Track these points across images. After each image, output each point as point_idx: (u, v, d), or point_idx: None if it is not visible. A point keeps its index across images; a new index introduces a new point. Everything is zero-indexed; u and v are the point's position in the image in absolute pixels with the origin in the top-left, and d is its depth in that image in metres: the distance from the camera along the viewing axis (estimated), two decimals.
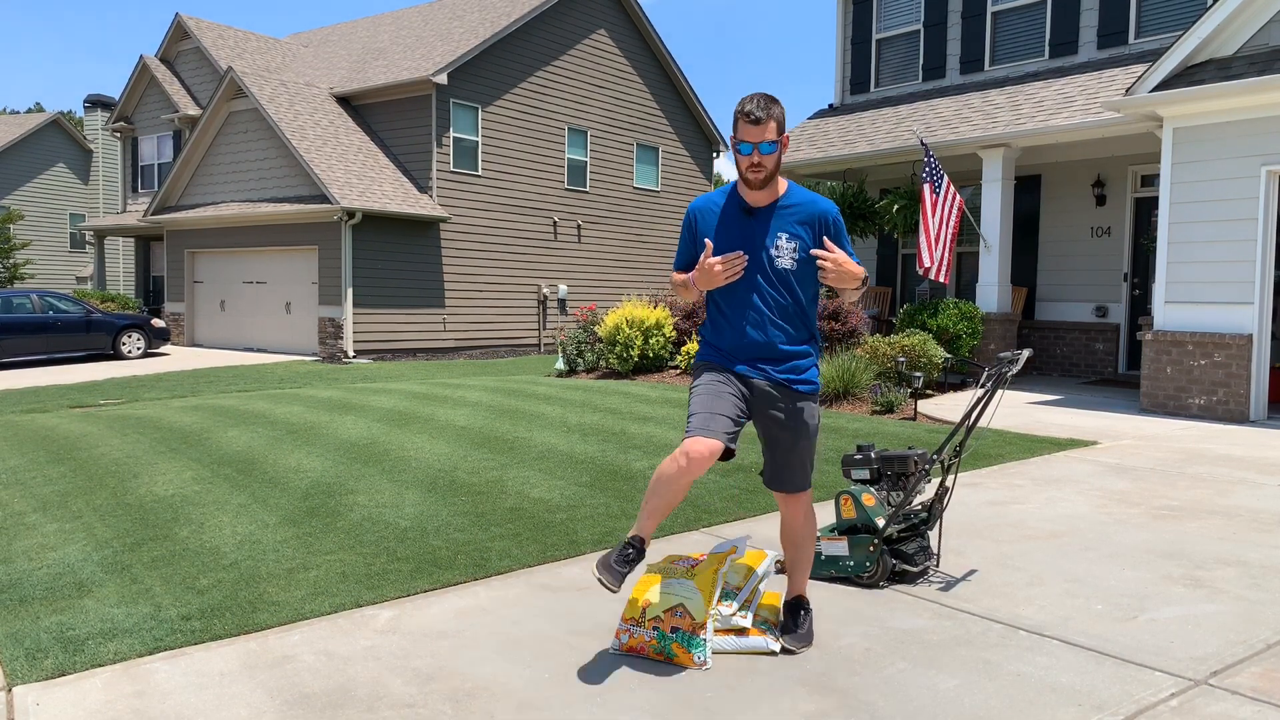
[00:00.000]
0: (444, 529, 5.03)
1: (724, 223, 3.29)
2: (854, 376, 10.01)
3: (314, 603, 3.93)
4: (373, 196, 18.56)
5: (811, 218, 3.25)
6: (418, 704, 3.03)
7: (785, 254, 3.22)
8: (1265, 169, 8.90)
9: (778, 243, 3.23)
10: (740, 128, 3.15)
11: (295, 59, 25.32)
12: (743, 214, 3.28)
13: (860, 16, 15.06)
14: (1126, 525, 5.14)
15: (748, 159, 3.16)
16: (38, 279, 32.12)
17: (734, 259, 3.16)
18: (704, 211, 3.36)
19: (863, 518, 4.12)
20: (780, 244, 3.23)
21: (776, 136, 3.15)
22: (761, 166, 3.15)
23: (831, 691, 3.10)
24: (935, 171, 11.12)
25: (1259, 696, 3.02)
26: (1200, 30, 9.32)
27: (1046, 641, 3.49)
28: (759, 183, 3.19)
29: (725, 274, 3.15)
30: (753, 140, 3.13)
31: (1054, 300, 13.47)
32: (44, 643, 3.53)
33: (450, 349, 20.37)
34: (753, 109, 3.11)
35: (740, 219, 3.27)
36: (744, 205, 3.28)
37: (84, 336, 18.43)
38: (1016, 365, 4.15)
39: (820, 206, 3.27)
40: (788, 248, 3.23)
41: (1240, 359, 9.04)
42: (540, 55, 21.58)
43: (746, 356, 3.28)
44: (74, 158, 34.33)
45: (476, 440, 7.48)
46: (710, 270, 3.15)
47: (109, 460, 6.97)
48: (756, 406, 3.32)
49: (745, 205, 3.28)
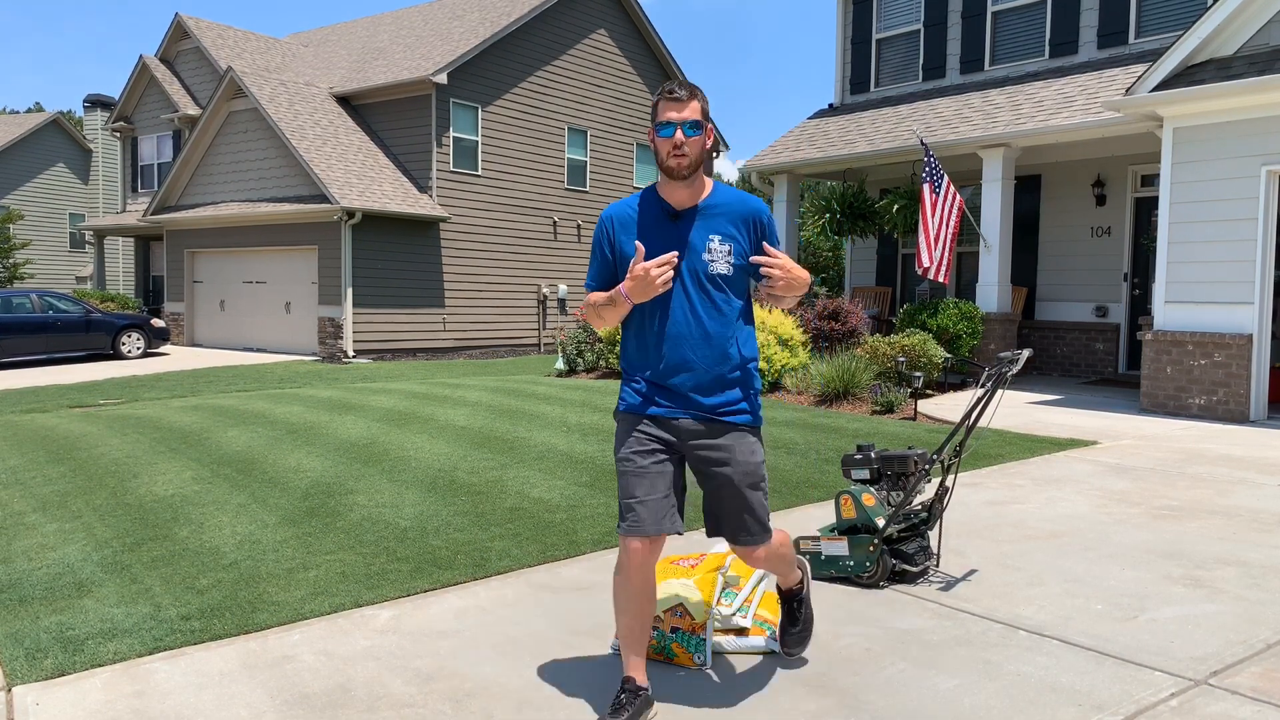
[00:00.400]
0: (444, 529, 5.03)
1: (646, 228, 2.88)
2: (854, 376, 10.01)
3: (314, 603, 3.93)
4: (372, 196, 18.56)
5: (744, 217, 2.89)
6: (417, 704, 3.03)
7: (720, 258, 2.84)
8: (1265, 169, 8.91)
9: (710, 245, 2.84)
10: (661, 107, 2.82)
11: (295, 59, 25.32)
12: (666, 218, 2.89)
13: (860, 16, 15.06)
14: (1126, 525, 5.14)
15: (669, 141, 2.79)
16: (37, 279, 32.13)
17: (669, 261, 2.75)
18: (620, 219, 2.93)
19: (863, 518, 4.11)
20: (713, 247, 2.84)
21: (701, 119, 2.81)
22: (685, 151, 2.79)
23: (831, 691, 3.09)
24: (935, 171, 11.12)
25: (1259, 696, 3.02)
26: (1200, 30, 9.32)
27: (1046, 641, 3.49)
28: (682, 171, 2.81)
29: (662, 279, 2.72)
30: (675, 119, 2.79)
31: (1054, 300, 13.47)
32: (44, 643, 3.53)
33: (450, 349, 20.37)
34: (674, 86, 2.81)
35: (663, 223, 2.88)
36: (666, 208, 2.89)
37: (84, 336, 18.42)
38: (1016, 365, 4.15)
39: (751, 205, 2.92)
40: (721, 250, 2.85)
41: (1240, 359, 9.04)
42: (540, 55, 21.58)
43: (674, 384, 2.86)
44: (74, 157, 34.32)
45: (476, 440, 7.48)
46: (644, 277, 2.71)
47: (109, 460, 6.97)
48: (688, 452, 2.89)
49: (668, 208, 2.89)
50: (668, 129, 2.80)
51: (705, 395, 2.86)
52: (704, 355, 2.84)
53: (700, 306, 2.85)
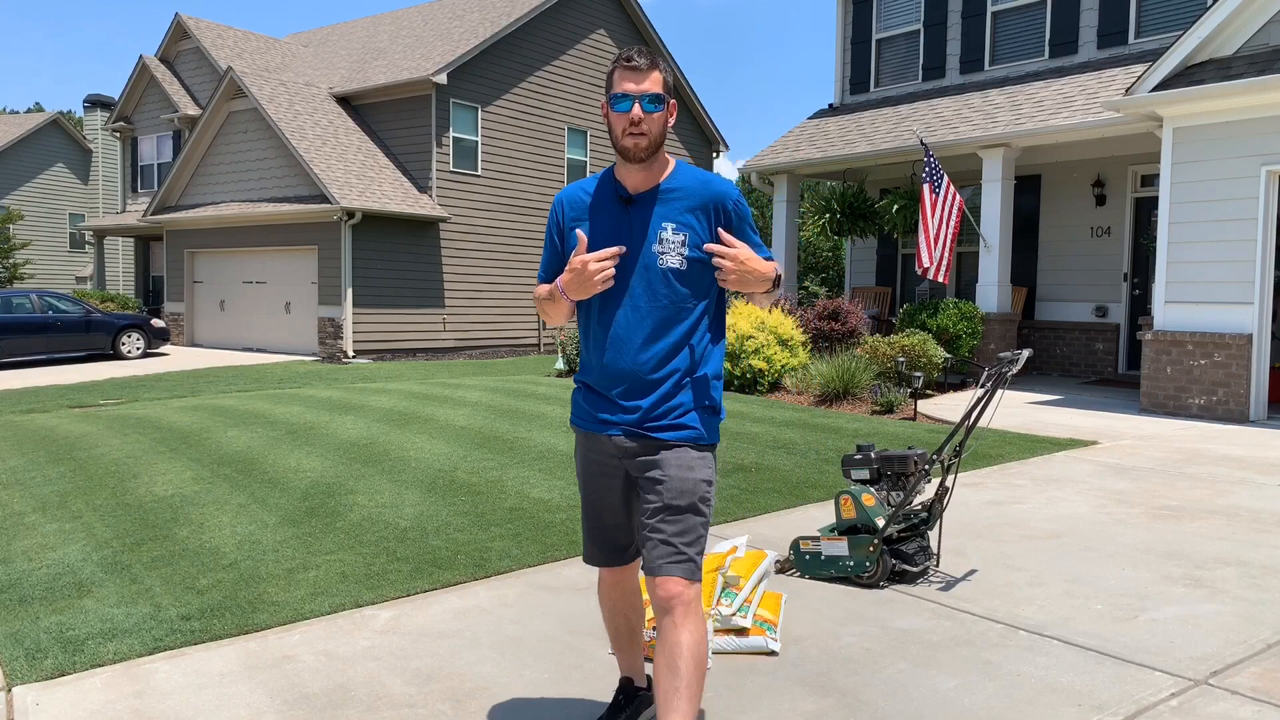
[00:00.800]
0: (444, 529, 5.03)
1: (596, 214, 2.55)
2: (854, 376, 10.01)
3: (314, 603, 3.93)
4: (372, 196, 18.56)
5: (705, 202, 2.52)
6: (417, 704, 3.03)
7: (671, 249, 2.48)
8: (1265, 169, 8.91)
9: (662, 235, 2.49)
10: (617, 78, 2.46)
11: (295, 59, 25.32)
12: (618, 203, 2.54)
13: (860, 16, 15.06)
14: (1126, 525, 5.14)
15: (624, 117, 2.43)
16: (37, 279, 32.12)
17: (612, 255, 2.45)
18: (572, 203, 2.60)
19: (863, 518, 4.12)
20: (665, 237, 2.49)
21: (663, 93, 2.46)
22: (643, 130, 2.43)
23: (831, 691, 3.09)
24: (935, 171, 11.13)
25: (1259, 696, 3.02)
26: (1200, 30, 9.32)
27: (1046, 641, 3.49)
28: (640, 152, 2.45)
29: (602, 275, 2.41)
30: (632, 91, 2.43)
31: (1054, 300, 13.47)
32: (44, 643, 3.53)
33: (450, 349, 20.37)
34: (633, 54, 2.46)
35: (615, 209, 2.54)
36: (620, 192, 2.54)
37: (83, 336, 18.42)
38: (1016, 365, 4.15)
39: (716, 188, 2.53)
40: (674, 241, 2.48)
41: (1240, 359, 9.04)
42: (540, 55, 21.58)
43: (614, 392, 2.52)
44: (74, 158, 34.32)
45: (476, 440, 7.48)
46: (583, 272, 2.41)
47: (109, 460, 6.97)
48: (630, 470, 2.56)
49: (622, 191, 2.54)
50: (623, 102, 2.44)
51: (640, 408, 2.50)
52: (643, 363, 2.48)
53: (646, 306, 2.49)
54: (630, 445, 2.51)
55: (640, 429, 2.49)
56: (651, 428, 2.49)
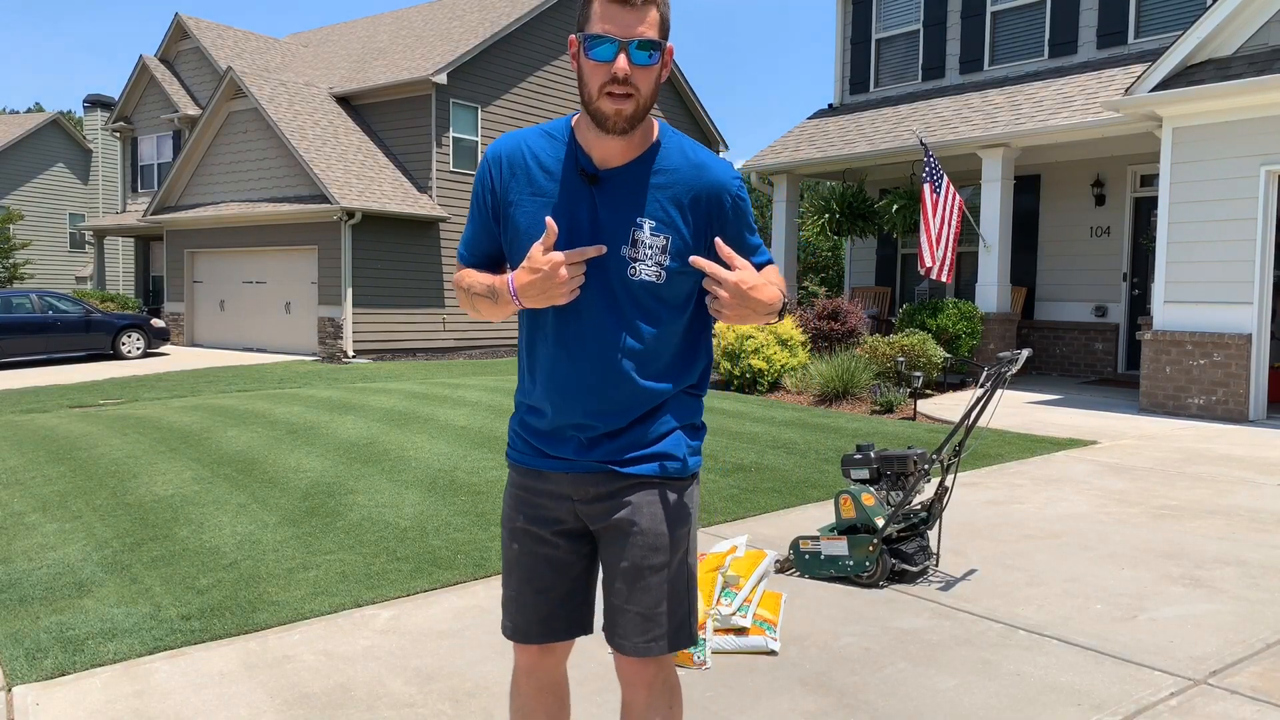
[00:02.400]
0: (444, 529, 5.03)
1: (546, 188, 1.86)
2: (853, 376, 10.02)
3: (314, 603, 3.93)
4: (372, 196, 18.56)
5: (697, 194, 1.87)
6: (417, 704, 3.03)
7: (648, 257, 1.84)
8: (1264, 169, 8.91)
9: (637, 235, 1.84)
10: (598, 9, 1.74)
11: (295, 59, 25.32)
12: (579, 177, 1.85)
13: (860, 16, 15.06)
14: (1126, 525, 5.14)
15: (604, 69, 1.74)
16: (37, 279, 32.11)
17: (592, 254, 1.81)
18: (512, 162, 1.89)
19: (862, 517, 4.12)
20: (641, 239, 1.84)
21: (660, 39, 1.76)
22: (628, 90, 1.75)
23: (831, 691, 3.10)
24: (935, 171, 11.13)
25: (1258, 696, 3.02)
26: (1200, 30, 9.32)
27: (1046, 641, 3.49)
28: (623, 122, 1.77)
29: (569, 288, 1.80)
30: (621, 34, 1.72)
31: (1053, 300, 13.48)
32: (44, 643, 3.53)
33: (450, 349, 20.37)
34: None
35: (574, 185, 1.85)
36: (582, 164, 1.85)
37: (83, 336, 18.42)
38: (1016, 365, 4.15)
39: (713, 175, 1.88)
40: (652, 246, 1.84)
41: (1239, 359, 9.05)
42: (540, 55, 21.58)
43: (570, 423, 1.92)
44: (74, 158, 34.32)
45: (476, 440, 7.48)
46: (551, 275, 1.77)
47: (109, 460, 6.97)
48: (589, 517, 1.97)
49: (585, 162, 1.86)
50: (604, 47, 1.74)
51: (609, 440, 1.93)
52: (609, 398, 1.89)
53: (611, 326, 1.87)
54: (597, 489, 1.93)
55: (604, 463, 1.92)
56: (628, 462, 1.92)
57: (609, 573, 1.96)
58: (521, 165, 1.88)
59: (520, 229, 1.88)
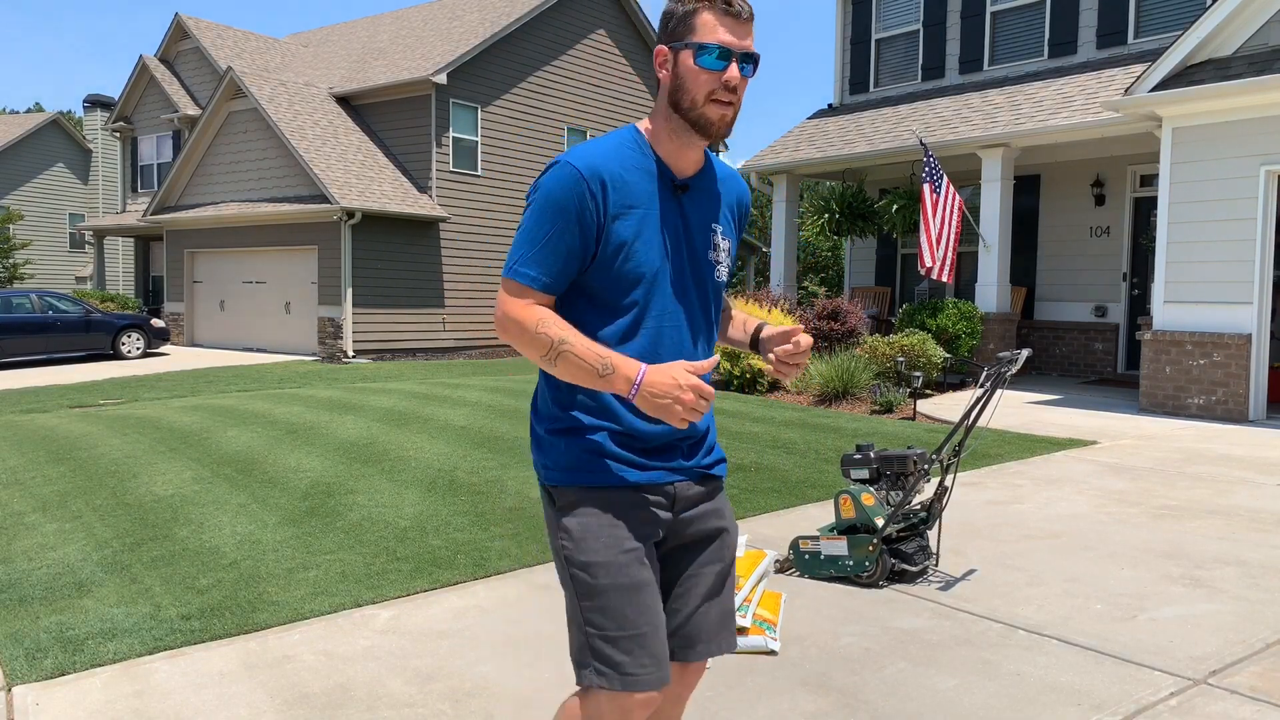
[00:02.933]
0: (444, 529, 5.03)
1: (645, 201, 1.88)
2: (853, 376, 10.01)
3: (314, 603, 3.93)
4: (372, 196, 18.56)
5: (737, 199, 2.07)
6: (417, 704, 3.03)
7: (724, 259, 1.99)
8: (1264, 169, 8.91)
9: (715, 240, 1.97)
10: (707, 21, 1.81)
11: (295, 59, 25.31)
12: (672, 192, 1.91)
13: (860, 16, 15.06)
14: (1126, 525, 5.14)
15: (716, 77, 1.81)
16: (37, 279, 32.12)
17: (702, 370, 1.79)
18: (614, 179, 1.83)
19: (862, 517, 4.12)
20: (718, 242, 1.97)
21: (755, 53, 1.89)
22: (734, 98, 1.85)
23: (831, 691, 3.10)
24: (935, 171, 11.13)
25: (1258, 696, 3.02)
26: (1199, 30, 9.32)
27: (1046, 641, 3.49)
28: (726, 128, 1.86)
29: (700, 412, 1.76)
30: (733, 45, 1.81)
31: (1053, 300, 13.48)
32: (44, 643, 3.54)
33: (450, 349, 20.37)
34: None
35: (668, 197, 1.90)
36: (670, 176, 1.91)
37: (83, 336, 18.42)
38: (1015, 365, 4.15)
39: (740, 184, 2.08)
40: (724, 248, 1.99)
41: (1239, 359, 9.05)
42: (539, 55, 21.58)
43: (672, 437, 1.91)
44: (73, 158, 34.32)
45: (476, 440, 7.48)
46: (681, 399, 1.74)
47: (109, 460, 6.97)
48: (679, 525, 1.95)
49: (671, 175, 1.91)
50: (716, 57, 1.80)
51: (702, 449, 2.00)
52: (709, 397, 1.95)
53: (705, 329, 1.98)
54: (695, 495, 1.96)
55: (708, 469, 1.98)
56: (714, 464, 2.00)
57: (692, 580, 1.96)
58: (619, 180, 1.85)
59: (626, 242, 1.85)
